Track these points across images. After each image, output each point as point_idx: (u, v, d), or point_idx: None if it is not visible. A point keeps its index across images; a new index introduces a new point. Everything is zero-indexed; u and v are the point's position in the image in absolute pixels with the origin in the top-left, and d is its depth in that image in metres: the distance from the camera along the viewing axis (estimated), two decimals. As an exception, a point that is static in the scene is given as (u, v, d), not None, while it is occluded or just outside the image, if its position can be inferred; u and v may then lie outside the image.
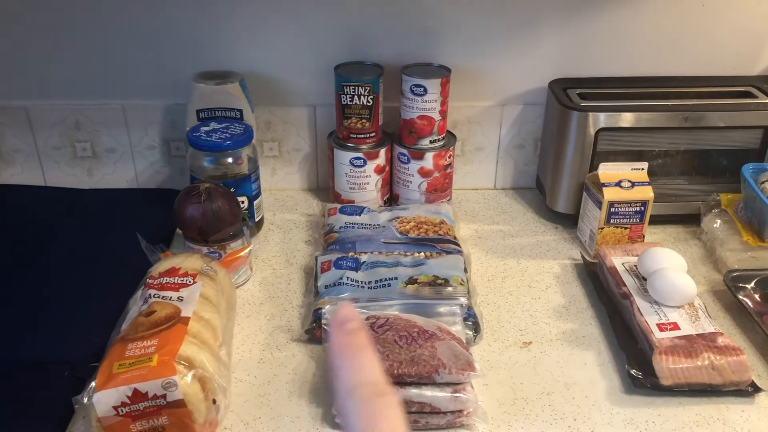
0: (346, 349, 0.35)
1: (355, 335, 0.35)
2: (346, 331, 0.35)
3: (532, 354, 0.87)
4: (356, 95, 1.07)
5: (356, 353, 0.35)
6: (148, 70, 1.14)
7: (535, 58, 1.15)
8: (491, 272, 1.02)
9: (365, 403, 0.33)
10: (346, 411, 0.33)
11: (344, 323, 0.36)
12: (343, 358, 0.35)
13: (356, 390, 0.34)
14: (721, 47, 1.15)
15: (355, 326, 0.36)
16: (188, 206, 0.92)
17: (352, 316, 0.36)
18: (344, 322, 0.36)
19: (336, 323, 0.36)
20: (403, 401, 0.73)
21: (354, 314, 0.36)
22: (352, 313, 0.36)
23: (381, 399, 0.33)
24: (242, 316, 0.93)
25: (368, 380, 0.34)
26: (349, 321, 0.36)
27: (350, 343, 0.35)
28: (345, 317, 0.36)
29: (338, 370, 0.35)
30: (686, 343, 0.81)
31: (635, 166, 1.03)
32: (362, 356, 0.35)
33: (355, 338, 0.35)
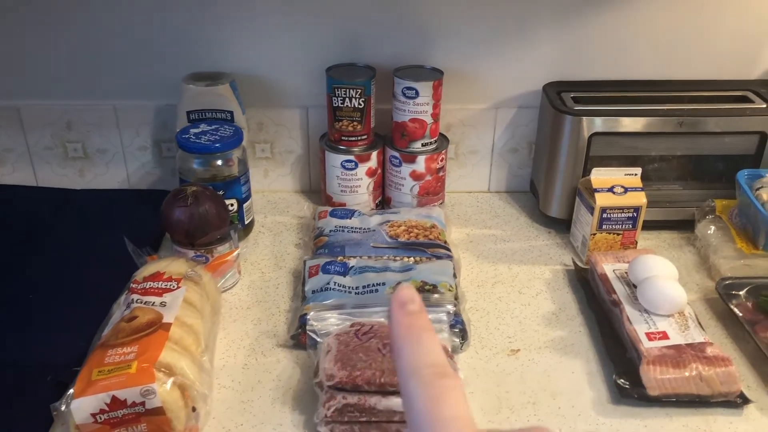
0: (408, 331, 0.34)
1: (416, 316, 0.34)
2: (407, 312, 0.34)
3: (519, 362, 0.86)
4: (347, 98, 1.06)
5: (418, 335, 0.34)
6: (140, 71, 1.13)
7: (529, 61, 1.14)
8: (482, 277, 1.01)
9: (428, 385, 0.32)
10: (408, 394, 0.32)
11: (405, 304, 0.34)
12: (405, 340, 0.34)
13: (418, 372, 0.32)
14: (719, 51, 1.14)
15: (416, 308, 0.35)
16: (175, 209, 0.91)
17: (413, 297, 0.35)
18: (405, 303, 0.34)
19: (397, 304, 0.35)
20: (385, 411, 0.72)
21: (415, 296, 0.35)
22: (412, 294, 0.35)
23: (444, 381, 0.32)
24: (229, 321, 0.92)
25: (431, 362, 0.33)
26: (410, 302, 0.35)
27: (412, 324, 0.34)
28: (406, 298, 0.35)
29: (399, 352, 0.33)
30: (675, 353, 0.80)
31: (628, 171, 1.02)
32: (425, 338, 0.34)
33: (417, 319, 0.34)
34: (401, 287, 0.36)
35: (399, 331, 0.34)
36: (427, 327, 0.34)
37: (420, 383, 0.32)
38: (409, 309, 0.35)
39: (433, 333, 0.34)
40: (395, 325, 0.35)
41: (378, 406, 0.72)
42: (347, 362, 0.73)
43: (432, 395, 0.32)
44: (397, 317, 0.35)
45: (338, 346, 0.76)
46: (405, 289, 0.36)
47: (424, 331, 0.34)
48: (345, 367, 0.73)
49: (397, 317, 0.35)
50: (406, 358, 0.33)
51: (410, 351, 0.33)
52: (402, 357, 0.34)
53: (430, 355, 0.33)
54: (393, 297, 0.35)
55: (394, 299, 0.35)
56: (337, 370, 0.73)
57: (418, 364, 0.33)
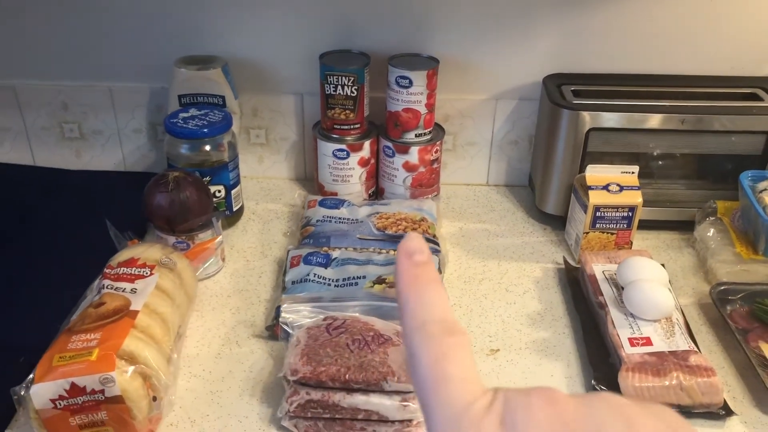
0: (415, 281, 0.31)
1: (424, 267, 0.32)
2: (414, 262, 0.32)
3: (497, 363, 0.84)
4: (340, 85, 1.04)
5: (425, 286, 0.31)
6: (135, 53, 1.12)
7: (531, 51, 1.10)
8: (469, 273, 0.99)
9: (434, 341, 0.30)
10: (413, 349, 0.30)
11: (413, 254, 0.32)
12: (411, 291, 0.31)
13: (425, 326, 0.30)
14: (729, 45, 1.09)
15: (423, 258, 0.32)
16: (156, 195, 0.90)
17: (421, 247, 0.32)
18: (413, 253, 0.32)
19: (404, 253, 0.32)
20: (349, 408, 0.71)
21: (423, 246, 0.32)
22: (421, 244, 0.33)
23: (452, 338, 0.30)
24: (207, 309, 0.91)
25: (438, 317, 0.31)
26: (418, 252, 0.32)
27: (419, 275, 0.32)
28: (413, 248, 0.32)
29: (405, 304, 0.31)
30: (656, 361, 0.77)
31: (625, 169, 0.98)
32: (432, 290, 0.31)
33: (425, 270, 0.32)
34: (409, 236, 0.33)
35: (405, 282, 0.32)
36: (435, 279, 0.32)
37: (426, 339, 0.30)
38: (416, 259, 0.32)
39: (441, 286, 0.32)
40: (401, 275, 0.32)
41: (342, 403, 0.70)
42: (313, 357, 0.72)
43: (438, 352, 0.30)
44: (403, 267, 0.32)
45: (307, 340, 0.75)
46: (413, 238, 0.33)
47: (432, 283, 0.32)
48: (310, 362, 0.72)
49: (404, 267, 0.32)
50: (411, 310, 0.31)
51: (417, 303, 0.31)
52: (407, 309, 0.31)
53: (438, 309, 0.31)
54: (400, 246, 0.33)
55: (401, 248, 0.33)
56: (301, 365, 0.71)
57: (425, 318, 0.31)
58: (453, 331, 0.30)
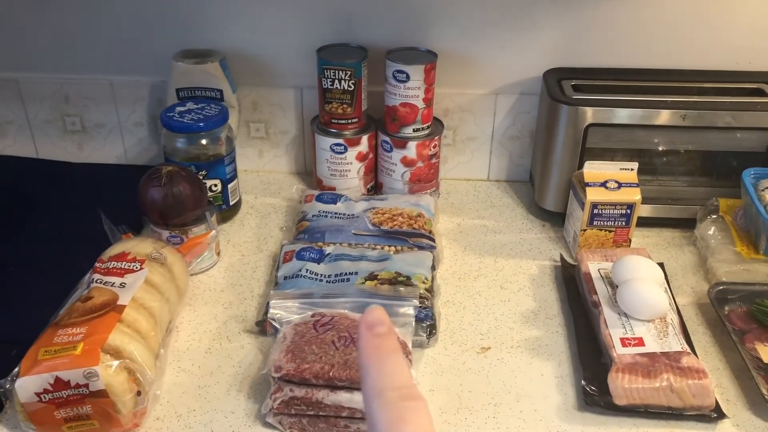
0: (375, 352, 0.34)
1: (384, 338, 0.34)
2: (375, 334, 0.34)
3: (488, 361, 0.83)
4: (337, 79, 1.04)
5: (386, 357, 0.34)
6: (135, 47, 1.13)
7: (531, 46, 1.09)
8: (464, 270, 0.98)
9: (391, 407, 0.32)
10: (371, 416, 0.32)
11: (374, 326, 0.35)
12: (371, 362, 0.34)
13: (383, 394, 0.32)
14: (736, 39, 1.06)
15: (384, 330, 0.35)
16: (149, 189, 0.91)
17: (382, 319, 0.35)
18: (374, 325, 0.35)
19: (365, 326, 0.35)
20: (333, 406, 0.70)
21: (384, 317, 0.35)
22: (381, 316, 0.35)
23: (408, 403, 0.32)
24: (200, 303, 0.91)
25: (396, 384, 0.33)
26: (378, 324, 0.35)
27: (379, 346, 0.34)
28: (374, 320, 0.35)
29: (366, 375, 0.33)
30: (648, 362, 0.76)
31: (624, 165, 0.97)
32: (392, 360, 0.34)
33: (385, 341, 0.34)
34: (370, 309, 0.35)
35: (366, 353, 0.34)
36: (395, 348, 0.34)
37: (383, 405, 0.32)
38: (376, 331, 0.35)
39: (401, 354, 0.34)
40: (363, 347, 0.34)
41: (325, 400, 0.70)
42: (298, 354, 0.72)
43: (395, 416, 0.31)
44: (364, 339, 0.35)
45: (293, 336, 0.75)
46: (374, 310, 0.35)
47: (391, 353, 0.34)
48: (294, 359, 0.71)
49: (365, 339, 0.35)
50: (371, 380, 0.33)
51: (376, 373, 0.33)
52: (368, 379, 0.33)
53: (396, 377, 0.33)
54: (361, 319, 0.35)
55: (362, 321, 0.35)
56: (285, 362, 0.71)
57: (383, 386, 0.33)
58: (411, 396, 0.32)
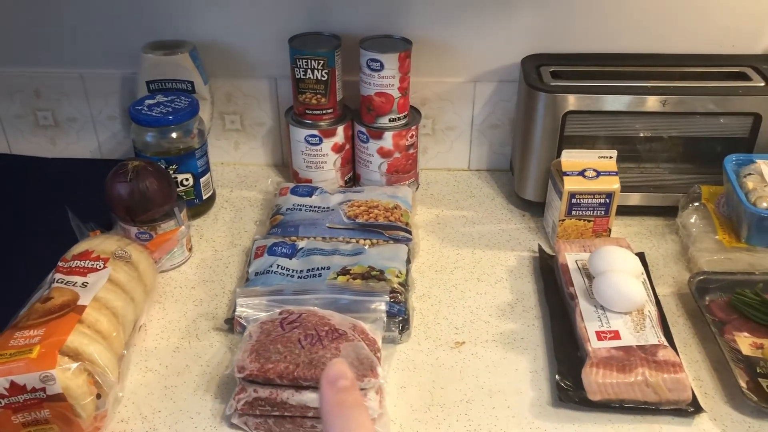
0: (339, 408, 0.34)
1: (347, 393, 0.34)
2: (338, 389, 0.34)
3: (461, 356, 0.81)
4: (309, 69, 1.01)
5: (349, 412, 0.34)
6: (105, 39, 1.10)
7: (509, 32, 1.06)
8: (442, 262, 0.96)
9: None
10: None
11: (336, 380, 0.35)
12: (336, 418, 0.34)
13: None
14: (719, 22, 1.04)
15: (347, 383, 0.35)
16: (115, 185, 0.89)
17: (344, 373, 0.35)
18: (336, 379, 0.35)
19: (327, 381, 0.35)
20: (298, 406, 0.68)
21: (346, 371, 0.35)
22: (343, 369, 0.35)
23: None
24: (170, 300, 0.89)
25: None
26: (341, 378, 0.35)
27: (342, 401, 0.34)
28: (337, 374, 0.35)
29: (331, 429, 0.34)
30: (623, 355, 0.74)
31: (603, 153, 0.95)
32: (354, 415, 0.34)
33: (347, 396, 0.34)
34: (332, 364, 0.35)
35: (329, 409, 0.34)
36: (357, 403, 0.34)
37: None
38: (339, 385, 0.35)
39: (364, 409, 0.34)
40: (325, 403, 0.34)
41: (290, 400, 0.68)
42: (262, 353, 0.70)
43: None
44: (327, 395, 0.34)
45: (259, 335, 0.73)
46: (336, 365, 0.35)
47: (354, 408, 0.34)
48: (258, 359, 0.69)
49: (328, 395, 0.34)
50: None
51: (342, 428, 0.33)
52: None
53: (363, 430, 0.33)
54: (323, 375, 0.35)
55: (324, 377, 0.35)
56: (249, 361, 0.69)
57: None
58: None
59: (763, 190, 0.88)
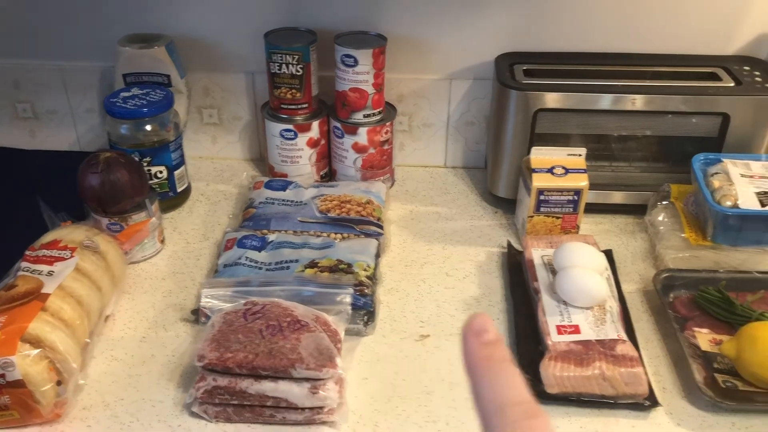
0: (487, 362, 0.31)
1: (494, 347, 0.32)
2: (484, 342, 0.32)
3: (425, 348, 0.82)
4: (284, 64, 1.02)
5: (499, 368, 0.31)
6: (83, 32, 1.11)
7: (484, 30, 1.07)
8: (412, 257, 0.97)
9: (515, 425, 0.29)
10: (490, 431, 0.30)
11: (481, 333, 0.32)
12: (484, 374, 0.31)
13: (504, 410, 0.30)
14: (692, 23, 1.05)
15: (492, 338, 0.32)
16: (87, 176, 0.89)
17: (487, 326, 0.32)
18: (481, 333, 0.32)
19: (471, 333, 0.32)
20: (257, 395, 0.69)
21: (489, 324, 0.32)
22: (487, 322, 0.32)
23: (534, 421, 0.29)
24: (139, 291, 0.90)
25: (517, 399, 0.30)
26: (484, 331, 0.32)
27: (491, 355, 0.31)
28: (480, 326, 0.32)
29: (479, 387, 0.31)
30: (582, 349, 0.75)
31: (572, 151, 0.95)
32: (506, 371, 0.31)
33: (495, 350, 0.32)
34: (474, 315, 0.33)
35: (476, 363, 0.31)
36: (507, 359, 0.32)
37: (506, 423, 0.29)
38: (484, 339, 0.32)
39: (514, 366, 0.32)
40: (471, 357, 0.32)
41: (249, 389, 0.69)
42: (222, 343, 0.71)
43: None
44: (472, 347, 0.32)
45: (221, 325, 0.74)
46: (478, 316, 0.33)
47: (505, 364, 0.31)
48: (219, 348, 0.70)
49: (473, 347, 0.32)
50: (487, 393, 0.31)
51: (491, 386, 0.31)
52: (482, 392, 0.31)
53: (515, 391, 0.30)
54: (466, 326, 0.32)
55: (467, 328, 0.32)
56: (209, 351, 0.70)
57: (503, 401, 0.30)
58: (535, 413, 0.30)
59: (728, 189, 0.89)
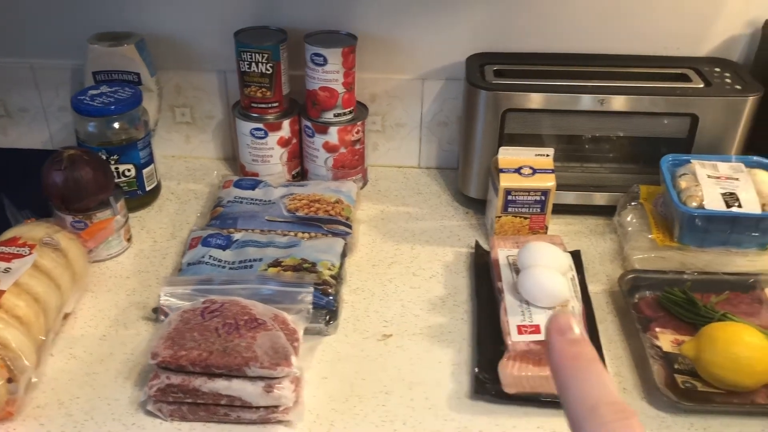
0: (575, 361, 0.31)
1: (581, 345, 0.32)
2: (570, 340, 0.32)
3: (387, 348, 0.81)
4: (254, 62, 1.02)
5: (588, 367, 0.31)
6: (53, 29, 1.10)
7: (456, 30, 1.07)
8: (380, 257, 0.97)
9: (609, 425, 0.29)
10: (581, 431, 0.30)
11: (566, 331, 0.32)
12: (573, 373, 0.31)
13: (596, 411, 0.30)
14: (664, 24, 1.05)
15: (578, 336, 0.32)
16: (50, 173, 0.89)
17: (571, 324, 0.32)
18: (566, 330, 0.32)
19: (556, 331, 0.32)
20: (210, 393, 0.69)
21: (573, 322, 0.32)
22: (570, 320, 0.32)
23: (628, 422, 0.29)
24: (103, 290, 0.89)
25: (609, 399, 0.30)
26: (569, 330, 0.32)
27: (579, 354, 0.31)
28: (565, 324, 0.32)
29: (566, 387, 0.31)
30: (541, 349, 0.75)
31: (540, 151, 0.95)
32: (596, 370, 0.31)
33: (583, 349, 0.32)
34: (557, 313, 0.33)
35: (564, 363, 0.31)
36: (595, 358, 0.31)
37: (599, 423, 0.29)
38: (570, 337, 0.32)
39: (602, 365, 0.31)
40: (558, 356, 0.31)
41: (203, 388, 0.69)
42: (177, 341, 0.70)
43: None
44: (559, 346, 0.32)
45: (178, 323, 0.73)
46: (562, 315, 0.33)
47: (594, 363, 0.31)
48: (173, 346, 0.70)
49: (560, 346, 0.32)
50: (578, 393, 0.30)
51: (581, 385, 0.30)
52: (572, 392, 0.30)
53: (606, 391, 0.30)
54: (550, 324, 0.32)
55: (551, 327, 0.32)
56: (163, 348, 0.69)
57: (595, 401, 0.30)
58: (627, 414, 0.29)
59: (694, 190, 0.89)
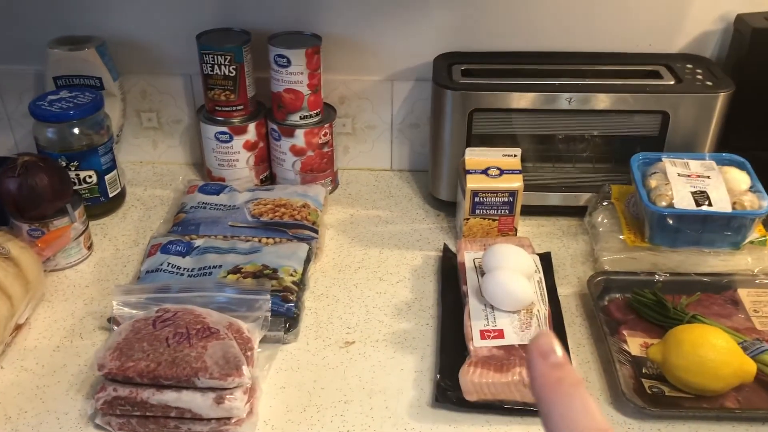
0: (558, 386, 0.30)
1: (564, 369, 0.31)
2: (552, 364, 0.31)
3: (349, 355, 0.79)
4: (217, 65, 1.00)
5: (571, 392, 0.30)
6: (13, 34, 1.08)
7: (425, 30, 1.05)
8: (347, 261, 0.95)
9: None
10: None
11: (548, 354, 0.31)
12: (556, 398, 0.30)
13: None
14: (636, 21, 1.03)
15: (561, 359, 0.31)
16: (5, 180, 0.86)
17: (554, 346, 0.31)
18: (548, 353, 0.31)
19: (539, 353, 0.31)
20: (159, 405, 0.66)
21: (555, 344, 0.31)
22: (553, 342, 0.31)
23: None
24: (60, 299, 0.87)
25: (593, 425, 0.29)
26: (553, 351, 0.31)
27: (561, 378, 0.30)
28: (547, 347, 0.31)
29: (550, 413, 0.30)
30: (503, 355, 0.73)
31: (507, 152, 0.93)
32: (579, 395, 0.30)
33: (566, 373, 0.30)
34: (540, 334, 0.31)
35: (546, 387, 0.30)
36: (579, 382, 0.30)
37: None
38: (552, 361, 0.31)
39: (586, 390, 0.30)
40: (540, 380, 0.30)
41: (151, 400, 0.66)
42: (125, 351, 0.68)
43: None
44: (541, 370, 0.31)
45: (128, 333, 0.71)
46: (544, 336, 0.31)
47: (578, 388, 0.30)
48: (120, 356, 0.67)
49: (542, 370, 0.30)
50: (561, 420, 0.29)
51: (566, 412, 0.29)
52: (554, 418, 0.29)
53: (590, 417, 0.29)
54: (531, 346, 0.31)
55: (534, 348, 0.31)
56: (110, 359, 0.67)
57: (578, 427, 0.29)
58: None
59: (664, 189, 0.87)
